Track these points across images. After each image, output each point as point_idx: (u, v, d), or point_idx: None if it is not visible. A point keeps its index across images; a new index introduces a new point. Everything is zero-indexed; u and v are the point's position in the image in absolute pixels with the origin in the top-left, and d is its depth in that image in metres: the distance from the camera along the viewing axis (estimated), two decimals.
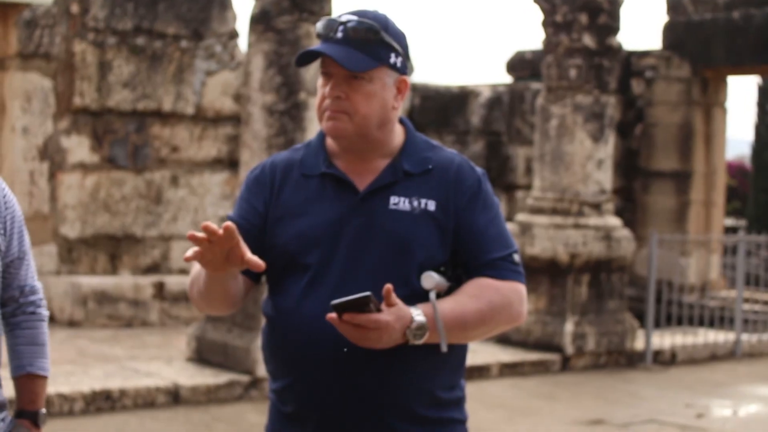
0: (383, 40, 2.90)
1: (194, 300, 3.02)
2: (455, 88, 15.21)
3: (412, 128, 3.06)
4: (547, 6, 10.87)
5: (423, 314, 2.79)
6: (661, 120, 15.91)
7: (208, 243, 2.66)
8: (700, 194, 15.69)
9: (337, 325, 2.71)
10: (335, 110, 2.89)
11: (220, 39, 13.03)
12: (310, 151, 3.03)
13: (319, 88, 2.95)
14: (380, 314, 2.71)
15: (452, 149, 3.11)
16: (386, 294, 2.72)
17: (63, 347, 10.19)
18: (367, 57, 2.88)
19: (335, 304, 2.67)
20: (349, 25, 2.89)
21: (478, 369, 9.91)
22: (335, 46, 2.88)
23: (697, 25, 15.64)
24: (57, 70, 12.04)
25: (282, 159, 3.05)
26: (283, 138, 8.66)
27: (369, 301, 2.67)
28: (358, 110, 2.88)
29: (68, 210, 12.13)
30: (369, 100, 2.89)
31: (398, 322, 2.74)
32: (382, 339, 2.73)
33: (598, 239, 10.66)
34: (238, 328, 8.84)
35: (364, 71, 2.87)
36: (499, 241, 2.95)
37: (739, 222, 22.61)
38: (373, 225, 2.90)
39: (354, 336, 2.72)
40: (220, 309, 3.01)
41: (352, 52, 2.87)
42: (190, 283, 3.01)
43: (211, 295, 2.93)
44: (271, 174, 3.01)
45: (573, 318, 10.57)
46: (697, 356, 11.50)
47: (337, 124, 2.90)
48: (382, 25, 2.90)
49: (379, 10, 2.97)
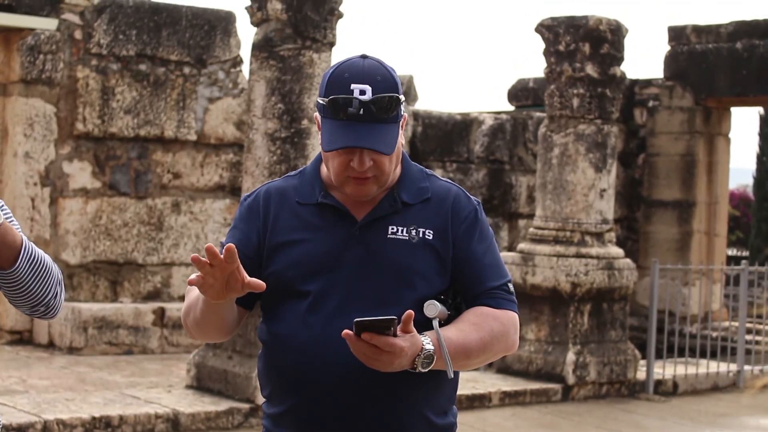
0: (399, 101, 2.88)
1: (189, 328, 3.03)
2: (458, 116, 15.21)
3: (408, 158, 3.06)
4: (550, 35, 10.87)
5: (431, 343, 2.80)
6: (663, 149, 15.91)
7: (210, 267, 2.66)
8: (702, 224, 15.67)
9: (352, 342, 2.70)
10: (364, 177, 2.87)
11: (223, 66, 13.04)
12: (305, 179, 3.02)
13: (336, 157, 2.87)
14: (397, 339, 2.71)
15: (447, 178, 3.12)
16: (406, 320, 2.73)
17: (63, 374, 10.15)
18: (392, 126, 2.86)
19: (358, 322, 2.67)
20: (369, 101, 2.82)
21: (479, 398, 9.87)
22: (363, 131, 2.82)
23: (700, 55, 15.66)
24: (59, 96, 12.05)
25: (276, 186, 3.04)
26: (285, 165, 8.65)
27: (392, 324, 2.69)
28: (384, 171, 2.88)
29: (69, 236, 12.11)
30: (392, 159, 2.90)
31: (411, 349, 2.75)
32: (393, 363, 2.73)
33: (600, 269, 10.63)
34: (239, 355, 8.81)
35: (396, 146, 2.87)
36: (495, 270, 2.99)
37: (742, 252, 22.58)
38: (372, 254, 2.90)
39: (366, 355, 2.72)
40: (214, 337, 3.03)
41: (380, 131, 2.83)
42: (184, 311, 3.00)
43: (207, 323, 2.94)
44: (265, 202, 3.01)
45: (574, 347, 10.53)
46: (699, 387, 11.46)
47: (365, 189, 2.90)
48: (395, 88, 2.87)
49: (382, 64, 2.90)
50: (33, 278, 2.87)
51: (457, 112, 15.48)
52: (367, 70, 2.86)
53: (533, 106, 16.90)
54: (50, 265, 2.92)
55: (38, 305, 2.93)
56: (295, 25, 8.72)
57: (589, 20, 10.70)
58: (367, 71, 2.86)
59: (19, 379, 9.78)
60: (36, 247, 2.92)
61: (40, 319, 3.10)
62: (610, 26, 10.75)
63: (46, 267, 2.90)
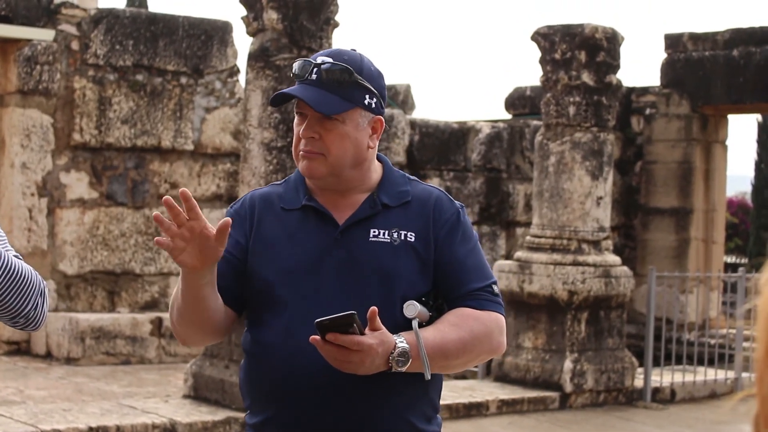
0: (357, 81, 2.92)
1: (174, 325, 2.99)
2: (454, 124, 15.22)
3: (390, 164, 3.10)
4: (546, 43, 10.89)
5: (406, 342, 2.80)
6: (660, 157, 15.92)
7: (176, 226, 2.71)
8: (699, 231, 15.67)
9: (320, 347, 2.71)
10: (309, 151, 2.92)
11: (220, 76, 13.06)
12: (290, 186, 3.06)
13: (294, 127, 2.98)
14: (364, 336, 2.71)
15: (444, 187, 3.14)
16: (371, 317, 2.73)
17: (60, 384, 10.16)
18: (340, 99, 2.91)
19: (319, 323, 2.67)
20: (323, 67, 2.92)
21: (476, 406, 9.87)
22: (309, 88, 2.91)
23: (696, 62, 15.67)
24: (56, 107, 12.06)
25: (261, 193, 3.08)
26: (281, 174, 8.65)
27: (353, 320, 2.68)
28: (331, 151, 2.91)
29: (67, 246, 12.12)
30: (342, 140, 2.92)
31: (381, 346, 2.74)
32: (364, 363, 2.73)
33: (597, 276, 10.64)
34: (235, 364, 8.81)
35: (336, 114, 2.90)
36: (478, 272, 2.98)
37: (741, 259, 22.58)
38: (353, 257, 2.92)
39: (336, 358, 2.72)
40: (201, 334, 2.98)
41: (325, 95, 2.90)
42: (170, 308, 2.98)
43: (190, 313, 2.89)
44: (251, 208, 3.03)
45: (572, 355, 10.53)
46: (697, 395, 11.45)
47: (311, 165, 2.93)
48: (356, 67, 2.93)
49: (356, 50, 2.99)
50: (9, 290, 2.84)
51: (454, 121, 15.50)
52: (339, 50, 2.97)
53: (530, 114, 16.91)
54: (30, 276, 2.90)
55: (17, 317, 2.91)
56: (291, 34, 8.74)
57: (585, 28, 10.71)
58: (338, 51, 2.97)
59: (16, 389, 9.78)
60: (16, 258, 2.90)
61: (23, 330, 3.07)
62: (606, 34, 10.76)
63: (23, 278, 2.87)
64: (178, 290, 2.90)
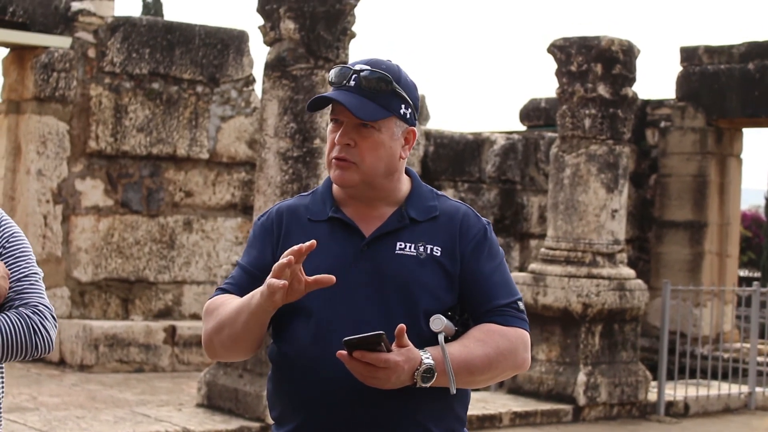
0: (395, 90, 2.93)
1: (217, 346, 3.00)
2: (469, 135, 15.22)
3: (418, 178, 3.10)
4: (562, 55, 10.88)
5: (432, 357, 2.81)
6: (675, 170, 15.89)
7: (288, 269, 2.74)
8: (714, 245, 15.64)
9: (346, 362, 2.73)
10: (344, 159, 2.92)
11: (236, 85, 13.08)
12: (317, 197, 3.06)
13: (328, 134, 2.98)
14: (390, 354, 2.73)
15: (458, 198, 3.15)
16: (399, 334, 2.75)
17: (73, 391, 10.16)
18: (379, 107, 2.92)
19: (347, 341, 2.69)
20: (362, 74, 2.92)
21: (489, 418, 9.85)
22: (348, 94, 2.91)
23: (711, 75, 15.65)
24: (73, 114, 12.10)
25: (288, 205, 3.08)
26: (297, 184, 8.67)
27: (381, 339, 2.69)
28: (365, 159, 2.92)
29: (81, 253, 12.14)
30: (377, 149, 2.93)
31: (407, 363, 2.76)
32: (390, 379, 2.75)
33: (612, 289, 10.61)
34: (249, 374, 8.81)
35: (375, 121, 2.90)
36: (504, 288, 2.98)
37: (754, 273, 22.52)
38: (379, 269, 2.92)
39: (362, 374, 2.74)
40: (245, 352, 3.01)
41: (363, 101, 2.90)
42: (215, 328, 2.97)
43: (246, 337, 2.93)
44: (278, 220, 3.04)
45: (585, 368, 10.51)
46: (711, 409, 11.42)
47: (344, 174, 2.94)
48: (394, 76, 2.94)
49: (392, 60, 3.00)
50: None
51: (468, 132, 15.49)
52: (376, 59, 2.98)
53: (545, 126, 16.90)
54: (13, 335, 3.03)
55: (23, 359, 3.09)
56: (307, 44, 8.75)
57: (602, 41, 10.71)
58: (376, 60, 2.97)
59: (29, 396, 9.79)
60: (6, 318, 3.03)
61: None
62: (622, 47, 10.76)
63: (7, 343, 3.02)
64: (236, 318, 2.90)
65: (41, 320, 3.06)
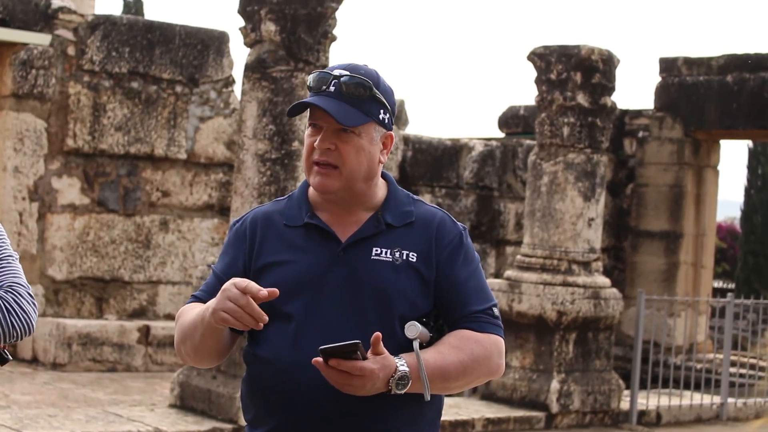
0: (374, 96, 2.95)
1: (184, 355, 3.05)
2: (448, 141, 15.23)
3: (395, 182, 3.11)
4: (542, 63, 10.91)
5: (407, 364, 2.82)
6: (652, 180, 15.95)
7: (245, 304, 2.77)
8: (689, 255, 15.70)
9: (322, 369, 2.74)
10: (324, 163, 2.93)
11: (215, 85, 13.06)
12: (293, 202, 3.07)
13: (306, 138, 2.99)
14: (365, 362, 2.74)
15: (435, 203, 3.16)
16: (374, 342, 2.76)
17: (46, 390, 10.12)
18: (359, 112, 2.93)
19: (323, 350, 2.70)
20: (342, 79, 2.93)
21: (462, 424, 9.86)
22: (328, 100, 2.92)
23: (690, 87, 15.72)
24: (51, 111, 12.05)
25: (263, 211, 3.09)
26: (274, 186, 8.66)
27: (357, 348, 2.71)
28: (347, 163, 2.93)
29: (56, 251, 12.09)
30: (358, 153, 2.94)
31: (382, 371, 2.77)
32: (365, 386, 2.76)
33: (587, 298, 10.64)
34: (223, 375, 8.79)
35: (356, 126, 2.91)
36: (479, 294, 3.00)
37: (728, 284, 22.63)
38: (355, 275, 2.93)
39: (337, 381, 2.76)
40: (210, 362, 3.07)
41: (344, 107, 2.91)
42: (179, 338, 3.03)
43: (205, 349, 2.98)
44: (252, 227, 3.05)
45: (559, 376, 10.53)
46: (683, 418, 11.46)
47: (325, 181, 2.95)
48: (373, 81, 2.95)
49: (369, 65, 3.02)
50: None
51: (447, 138, 15.51)
52: (354, 64, 2.99)
53: (523, 133, 16.93)
54: None
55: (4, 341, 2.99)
56: (288, 47, 8.74)
57: (581, 50, 10.74)
58: (354, 65, 2.98)
59: (1, 394, 9.75)
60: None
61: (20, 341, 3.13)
62: (602, 56, 10.79)
63: None
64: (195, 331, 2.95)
65: (15, 298, 2.99)
